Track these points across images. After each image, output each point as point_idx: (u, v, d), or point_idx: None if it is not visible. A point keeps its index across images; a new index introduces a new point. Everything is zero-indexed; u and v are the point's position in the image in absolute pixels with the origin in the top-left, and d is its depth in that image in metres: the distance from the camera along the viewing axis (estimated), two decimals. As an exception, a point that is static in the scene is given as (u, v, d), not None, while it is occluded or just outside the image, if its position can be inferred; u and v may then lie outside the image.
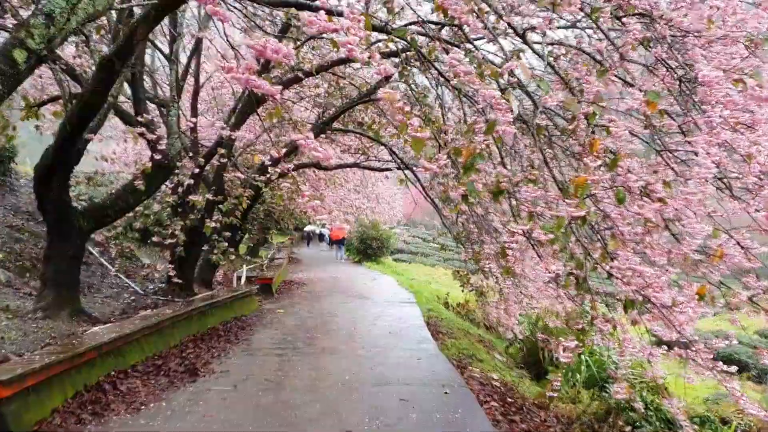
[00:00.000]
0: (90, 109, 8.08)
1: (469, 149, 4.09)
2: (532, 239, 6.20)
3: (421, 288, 20.29)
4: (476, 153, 4.20)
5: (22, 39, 4.84)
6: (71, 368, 7.00)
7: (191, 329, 10.93)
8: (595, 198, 5.65)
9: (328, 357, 9.92)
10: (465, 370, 9.79)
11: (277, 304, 15.88)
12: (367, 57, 9.40)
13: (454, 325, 14.65)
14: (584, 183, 4.14)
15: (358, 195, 25.46)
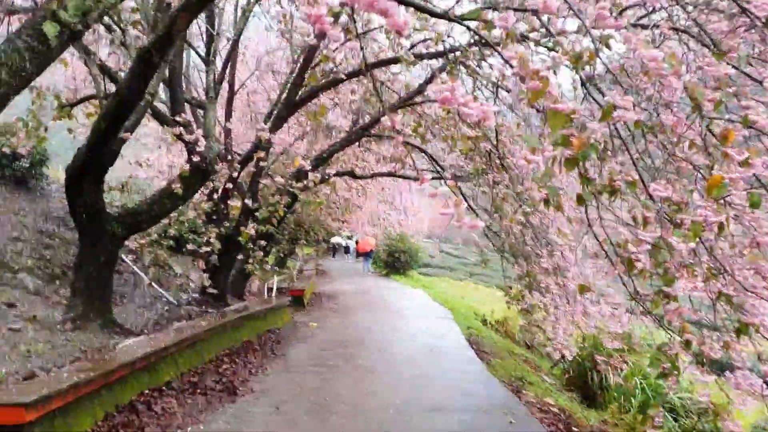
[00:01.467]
0: (126, 105, 7.55)
1: (581, 139, 3.37)
2: (621, 249, 5.53)
3: (457, 303, 19.62)
4: (589, 144, 3.46)
5: (53, 11, 4.27)
6: (102, 387, 6.43)
7: (226, 343, 10.36)
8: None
9: (371, 376, 9.30)
10: (520, 395, 9.12)
11: (309, 317, 15.30)
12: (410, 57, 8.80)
13: (497, 344, 13.98)
14: (720, 182, 3.45)
15: (386, 206, 24.81)
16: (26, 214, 12.47)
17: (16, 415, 5.06)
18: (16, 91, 4.42)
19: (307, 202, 14.48)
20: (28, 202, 13.24)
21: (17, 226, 11.61)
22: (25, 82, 4.43)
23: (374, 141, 15.76)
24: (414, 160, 16.47)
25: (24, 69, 4.34)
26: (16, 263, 10.10)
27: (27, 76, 4.38)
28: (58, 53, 4.64)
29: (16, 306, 8.82)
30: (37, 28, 4.33)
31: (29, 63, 4.35)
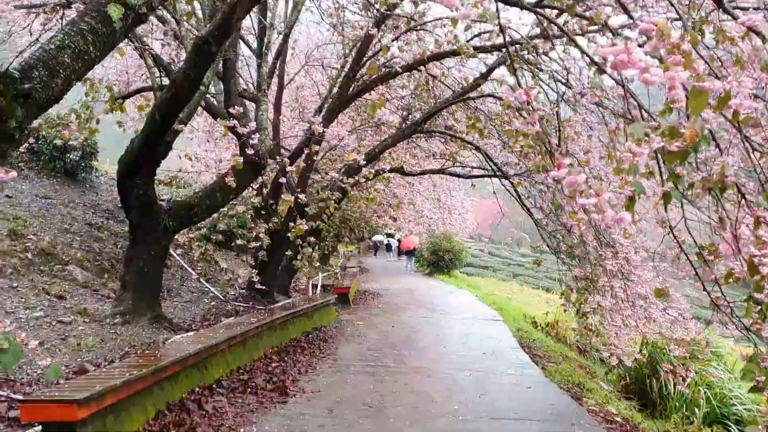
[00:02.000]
0: (181, 96, 7.36)
1: (692, 130, 3.00)
2: (705, 251, 5.14)
3: (505, 304, 19.18)
4: (701, 136, 3.07)
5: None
6: (154, 384, 6.22)
7: (274, 340, 10.14)
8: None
9: (424, 379, 8.98)
10: (581, 402, 8.73)
11: (355, 315, 15.03)
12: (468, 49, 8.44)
13: (550, 348, 13.54)
14: None
15: (430, 205, 24.43)
16: (76, 206, 12.43)
17: (68, 412, 4.86)
18: (79, 75, 4.20)
19: (362, 199, 14.17)
20: (77, 194, 13.22)
21: (67, 218, 11.55)
22: (88, 66, 4.21)
23: (425, 138, 15.44)
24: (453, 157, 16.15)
25: (87, 52, 4.13)
26: (67, 255, 10.01)
27: (90, 59, 4.16)
28: (121, 37, 4.44)
29: (66, 298, 8.70)
30: (102, 10, 4.12)
31: (92, 46, 4.13)
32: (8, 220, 9.97)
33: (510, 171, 13.15)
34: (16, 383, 5.83)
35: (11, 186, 11.75)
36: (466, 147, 15.20)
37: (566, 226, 11.28)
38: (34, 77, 3.91)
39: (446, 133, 13.53)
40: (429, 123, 13.26)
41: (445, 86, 13.55)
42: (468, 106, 13.49)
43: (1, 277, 8.34)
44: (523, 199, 12.69)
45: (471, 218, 31.15)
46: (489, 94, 12.07)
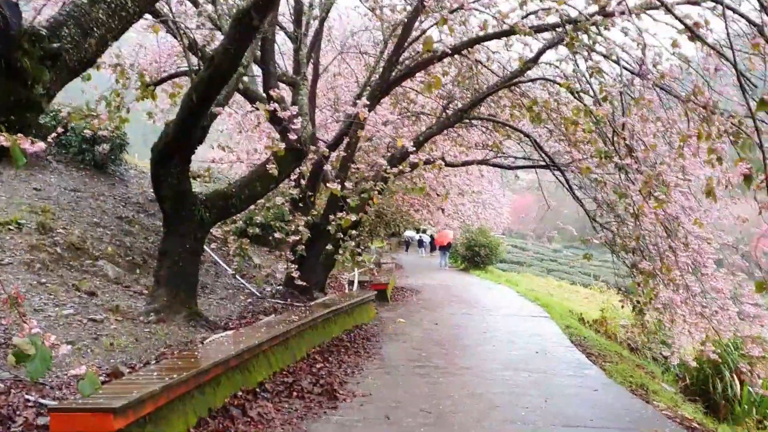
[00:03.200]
0: (220, 75, 6.78)
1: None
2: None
3: (549, 301, 18.41)
4: None
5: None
6: (194, 388, 5.64)
7: (317, 339, 9.56)
8: None
9: (479, 380, 8.32)
10: (653, 405, 8.04)
11: (395, 313, 14.40)
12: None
13: (603, 346, 12.82)
14: None
15: (464, 199, 23.67)
16: (106, 199, 11.95)
17: (103, 423, 4.32)
18: (116, 34, 3.61)
19: (403, 190, 13.51)
20: (107, 187, 12.75)
21: (97, 211, 11.07)
22: (126, 23, 3.64)
23: (465, 127, 14.75)
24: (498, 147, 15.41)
25: (124, 7, 3.54)
26: (97, 250, 9.51)
27: (128, 15, 3.59)
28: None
29: (97, 295, 8.18)
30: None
31: (130, 1, 3.54)
32: (36, 213, 9.49)
33: (559, 161, 12.47)
34: (45, 387, 5.29)
35: (39, 178, 11.29)
36: (512, 136, 14.52)
37: (622, 217, 10.59)
38: (64, 36, 3.36)
39: (493, 120, 12.85)
40: (473, 111, 12.59)
41: (490, 71, 12.88)
42: (513, 93, 12.81)
43: (29, 272, 7.83)
44: (575, 189, 12.00)
45: (506, 213, 30.41)
46: (541, 77, 11.37)
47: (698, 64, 8.06)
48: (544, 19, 10.00)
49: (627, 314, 16.99)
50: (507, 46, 11.33)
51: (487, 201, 26.00)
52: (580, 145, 11.48)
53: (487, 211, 26.88)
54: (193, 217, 8.03)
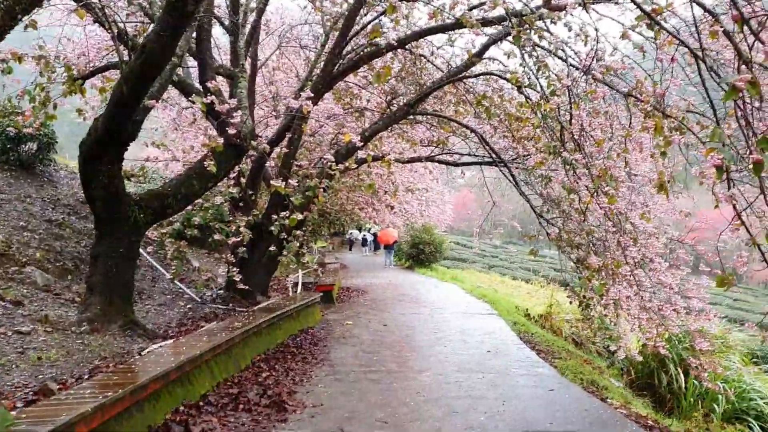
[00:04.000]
0: (153, 64, 6.28)
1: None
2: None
3: (494, 297, 18.23)
4: None
5: None
6: (132, 405, 5.15)
7: (261, 346, 9.08)
8: None
9: (435, 384, 7.98)
10: (608, 403, 7.84)
11: (342, 315, 13.98)
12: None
13: (550, 342, 12.64)
14: None
15: (409, 197, 23.38)
16: (33, 201, 11.22)
17: (26, 452, 3.82)
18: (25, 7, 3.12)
19: (347, 188, 13.09)
20: (35, 188, 11.98)
21: (23, 214, 10.36)
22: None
23: (410, 124, 14.45)
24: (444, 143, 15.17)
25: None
26: (24, 255, 8.85)
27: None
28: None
29: (24, 304, 7.57)
30: None
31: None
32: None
33: (505, 156, 12.30)
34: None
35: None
36: (457, 132, 14.29)
37: (567, 213, 10.45)
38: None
39: (440, 116, 12.56)
40: (419, 106, 12.28)
41: (435, 66, 12.63)
42: (458, 89, 12.58)
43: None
44: (521, 185, 11.83)
45: (449, 210, 30.31)
46: (487, 72, 11.12)
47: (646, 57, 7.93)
48: (490, 12, 9.77)
49: (571, 309, 17.02)
50: (450, 41, 11.09)
51: (431, 198, 25.85)
52: (524, 141, 11.33)
53: (431, 208, 26.72)
54: (126, 218, 7.48)
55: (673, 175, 8.39)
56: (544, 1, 7.72)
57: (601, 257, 9.01)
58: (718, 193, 5.99)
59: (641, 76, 8.02)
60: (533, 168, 9.64)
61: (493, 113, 9.99)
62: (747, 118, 4.70)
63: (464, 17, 7.52)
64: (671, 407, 11.33)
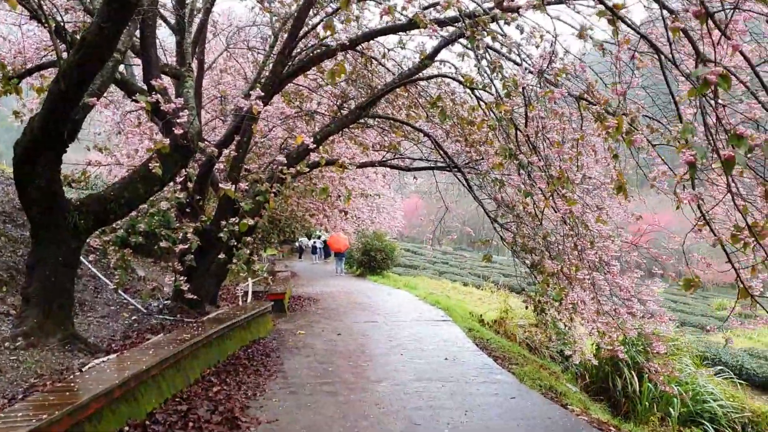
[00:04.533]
0: (94, 57, 5.84)
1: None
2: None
3: (448, 303, 18.03)
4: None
5: None
6: (72, 427, 4.73)
7: (212, 358, 8.67)
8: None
9: (394, 395, 7.70)
10: (569, 410, 7.67)
11: (294, 324, 13.60)
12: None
13: (506, 348, 12.47)
14: None
15: (361, 203, 23.04)
16: (-37, 209, 10.57)
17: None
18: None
19: (298, 194, 12.70)
20: (-34, 196, 11.32)
21: (-48, 222, 9.73)
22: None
23: (362, 128, 14.15)
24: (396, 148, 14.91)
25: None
26: (-48, 266, 8.27)
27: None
28: None
29: (-49, 319, 7.02)
30: None
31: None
32: None
33: (458, 161, 12.12)
34: None
35: None
36: (408, 137, 14.05)
37: (522, 217, 10.29)
38: None
39: (393, 119, 12.30)
40: (371, 109, 11.99)
41: (386, 69, 12.40)
42: (410, 93, 12.34)
43: None
44: (474, 189, 11.65)
45: (400, 217, 30.09)
46: (440, 74, 10.90)
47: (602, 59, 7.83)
48: (443, 12, 9.58)
49: (525, 314, 16.96)
50: (402, 44, 10.88)
51: (382, 205, 25.57)
52: (477, 145, 11.14)
53: (382, 215, 26.44)
54: (65, 224, 7.00)
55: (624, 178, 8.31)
56: (496, 2, 7.56)
57: (559, 261, 8.86)
58: (680, 194, 5.87)
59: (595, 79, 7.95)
60: (490, 170, 9.44)
61: (448, 116, 9.74)
62: (717, 114, 4.53)
63: (417, 17, 7.29)
64: (627, 411, 11.28)
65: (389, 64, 12.31)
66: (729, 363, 18.47)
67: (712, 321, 32.15)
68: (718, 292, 47.79)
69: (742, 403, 11.26)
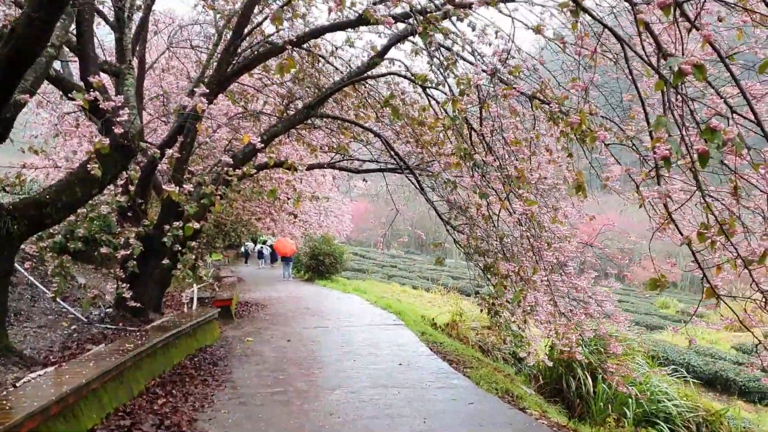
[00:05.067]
0: (25, 50, 5.44)
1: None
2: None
3: (400, 307, 17.79)
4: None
5: None
6: (2, 449, 4.35)
7: (156, 369, 8.29)
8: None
9: (349, 403, 7.44)
10: (528, 414, 7.52)
11: (242, 331, 13.21)
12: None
13: (460, 351, 12.30)
14: None
15: (308, 206, 22.61)
16: None
17: None
18: None
19: (256, 193, 12.28)
20: None
21: None
22: None
23: (309, 129, 13.82)
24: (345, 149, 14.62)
25: None
26: None
27: None
28: None
29: None
30: None
31: None
32: None
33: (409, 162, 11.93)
34: None
35: None
36: (357, 138, 13.78)
37: (474, 219, 10.15)
38: None
39: (343, 119, 12.03)
40: (319, 109, 11.69)
41: (335, 69, 12.11)
42: (358, 93, 12.10)
43: None
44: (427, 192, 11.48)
45: (348, 220, 29.82)
46: (390, 72, 10.66)
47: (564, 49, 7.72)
48: (392, 8, 9.37)
49: (477, 317, 16.86)
50: (350, 42, 10.65)
51: (330, 208, 25.26)
52: (429, 146, 10.95)
53: (330, 218, 26.11)
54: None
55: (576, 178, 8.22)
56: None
57: (516, 263, 8.72)
58: (643, 192, 5.76)
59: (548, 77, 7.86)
60: (443, 171, 9.26)
61: (400, 114, 9.54)
62: (690, 107, 4.40)
63: (367, 12, 7.06)
64: (581, 412, 11.21)
65: (337, 62, 12.04)
66: (676, 361, 18.76)
67: (656, 320, 32.77)
68: (661, 291, 48.72)
69: (696, 402, 11.29)
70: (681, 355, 20.31)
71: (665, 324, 31.99)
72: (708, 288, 4.52)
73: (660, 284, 4.74)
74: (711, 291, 4.51)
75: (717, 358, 21.23)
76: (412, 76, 9.84)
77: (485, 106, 8.15)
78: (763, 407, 17.42)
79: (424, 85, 9.21)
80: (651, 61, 4.92)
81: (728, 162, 4.43)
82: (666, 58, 4.68)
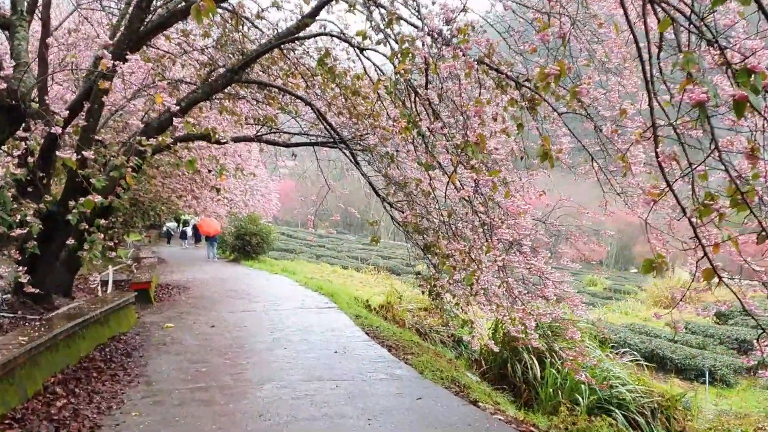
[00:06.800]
0: None
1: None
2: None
3: (331, 288, 16.96)
4: None
5: None
6: None
7: (58, 364, 7.24)
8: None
9: (280, 401, 6.60)
10: (481, 408, 6.84)
11: (161, 316, 12.16)
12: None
13: (397, 335, 11.57)
14: None
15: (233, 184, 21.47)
16: None
17: None
18: None
19: (174, 165, 11.19)
20: None
21: None
22: None
23: (233, 99, 12.74)
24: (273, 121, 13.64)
25: None
26: None
27: None
28: None
29: None
30: None
31: None
32: None
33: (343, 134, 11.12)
34: None
35: None
36: (286, 110, 12.79)
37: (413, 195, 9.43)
38: None
39: (270, 85, 11.04)
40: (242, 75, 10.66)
41: (261, 32, 11.11)
42: (286, 59, 11.13)
43: None
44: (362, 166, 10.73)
45: (275, 199, 28.77)
46: (323, 33, 9.71)
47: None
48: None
49: (413, 298, 16.24)
50: (275, 4, 9.77)
51: (256, 187, 24.24)
52: (364, 118, 10.10)
53: (256, 197, 25.07)
54: None
55: (526, 151, 7.60)
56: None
57: (466, 241, 8.01)
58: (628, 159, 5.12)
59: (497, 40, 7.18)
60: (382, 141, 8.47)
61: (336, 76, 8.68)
62: (720, 46, 3.64)
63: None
64: (527, 399, 10.65)
65: (264, 27, 11.04)
66: (613, 340, 18.55)
67: (586, 297, 32.90)
68: (587, 268, 49.47)
69: (650, 386, 10.86)
70: (617, 333, 20.19)
71: (595, 301, 32.21)
72: (707, 269, 3.85)
73: (656, 266, 4.03)
74: (710, 271, 3.84)
75: (653, 336, 21.24)
76: (347, 36, 9.01)
77: (433, 68, 7.32)
78: (700, 385, 17.38)
79: (362, 46, 8.40)
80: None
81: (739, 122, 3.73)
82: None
